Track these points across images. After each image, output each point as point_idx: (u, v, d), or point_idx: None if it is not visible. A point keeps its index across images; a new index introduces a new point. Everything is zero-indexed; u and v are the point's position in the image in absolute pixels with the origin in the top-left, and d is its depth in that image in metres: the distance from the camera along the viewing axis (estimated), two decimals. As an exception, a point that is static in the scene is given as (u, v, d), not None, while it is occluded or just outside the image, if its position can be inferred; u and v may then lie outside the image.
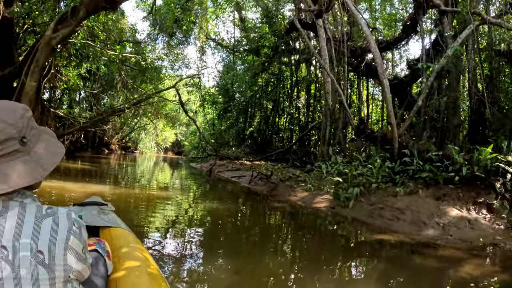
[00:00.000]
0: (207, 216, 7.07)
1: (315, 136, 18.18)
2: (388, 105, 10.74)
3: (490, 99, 10.69)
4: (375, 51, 11.16)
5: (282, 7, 19.01)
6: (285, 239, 5.69)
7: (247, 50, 20.38)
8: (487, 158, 7.02)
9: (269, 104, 20.77)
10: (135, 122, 35.68)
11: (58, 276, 1.03)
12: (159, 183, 12.84)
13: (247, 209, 8.37)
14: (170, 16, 16.29)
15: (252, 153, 18.39)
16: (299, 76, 20.04)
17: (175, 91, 17.17)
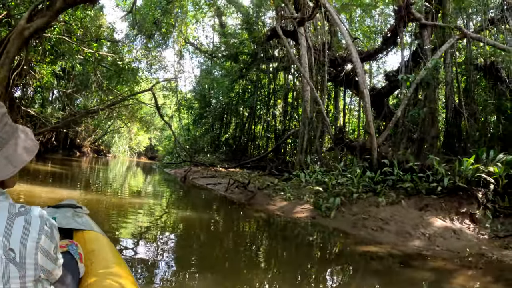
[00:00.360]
0: (182, 224, 6.67)
1: (291, 144, 18.02)
2: (368, 115, 10.68)
3: (468, 112, 10.82)
4: (356, 61, 11.14)
5: (263, 14, 18.91)
6: (264, 250, 5.36)
7: (225, 56, 20.11)
8: (468, 168, 7.01)
9: (245, 111, 20.49)
10: (109, 125, 34.72)
11: (29, 275, 1.04)
12: (132, 188, 12.22)
13: (223, 218, 7.96)
14: (150, 17, 15.79)
15: (227, 160, 18.01)
16: (277, 84, 19.91)
17: (151, 94, 16.61)
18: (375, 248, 5.46)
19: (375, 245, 5.64)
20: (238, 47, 19.08)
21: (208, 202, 10.39)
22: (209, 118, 20.67)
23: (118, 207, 7.67)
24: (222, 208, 9.32)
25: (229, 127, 21.42)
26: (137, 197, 9.80)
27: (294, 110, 19.04)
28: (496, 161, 7.08)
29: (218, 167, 16.12)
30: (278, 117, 19.46)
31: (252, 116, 19.56)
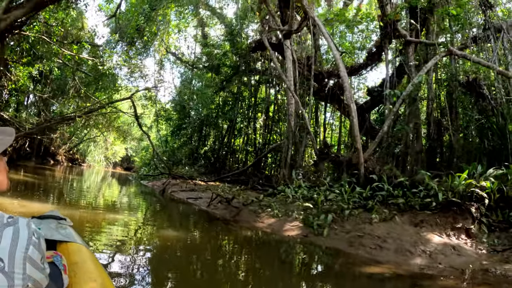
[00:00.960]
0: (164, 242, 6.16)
1: (272, 158, 17.71)
2: (355, 130, 10.56)
3: (454, 127, 10.89)
4: (344, 75, 11.05)
5: (246, 26, 18.77)
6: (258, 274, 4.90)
7: (206, 67, 19.74)
8: (461, 183, 6.97)
9: (225, 123, 20.07)
10: (85, 133, 33.71)
11: (17, 285, 1.05)
12: (108, 201, 11.48)
13: (208, 235, 7.47)
14: (132, 24, 15.25)
15: (206, 173, 17.46)
16: (258, 97, 19.68)
17: (130, 103, 15.94)
18: (378, 269, 5.13)
19: (378, 265, 5.32)
20: (220, 59, 18.79)
21: (190, 217, 9.86)
22: (188, 130, 20.11)
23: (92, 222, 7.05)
24: (205, 224, 8.79)
25: (208, 140, 20.92)
26: (113, 211, 9.16)
27: (275, 124, 18.81)
28: (487, 176, 7.08)
29: (197, 180, 15.55)
30: (259, 131, 19.17)
31: (232, 129, 19.16)
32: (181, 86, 22.03)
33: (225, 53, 18.26)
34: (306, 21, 11.59)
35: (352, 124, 10.68)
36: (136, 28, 15.25)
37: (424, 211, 7.04)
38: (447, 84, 11.50)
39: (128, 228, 6.96)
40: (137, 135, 37.55)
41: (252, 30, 19.32)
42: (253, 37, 18.88)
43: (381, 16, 12.60)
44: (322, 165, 12.60)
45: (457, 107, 11.37)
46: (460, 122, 11.68)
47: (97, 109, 18.73)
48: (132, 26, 14.69)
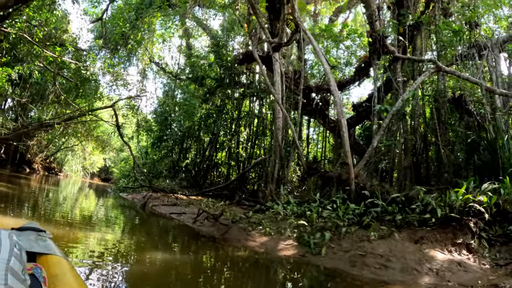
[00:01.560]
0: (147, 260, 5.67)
1: (256, 173, 17.33)
2: (346, 145, 10.38)
3: (444, 143, 10.91)
4: (334, 90, 10.91)
5: (232, 39, 18.56)
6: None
7: (190, 78, 19.31)
8: (459, 199, 6.90)
9: (207, 136, 19.59)
10: (63, 142, 32.46)
11: None
12: (86, 215, 10.73)
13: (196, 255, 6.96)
14: (118, 30, 14.72)
15: (187, 187, 16.87)
16: (242, 110, 19.38)
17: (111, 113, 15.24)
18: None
19: (386, 286, 4.99)
20: (205, 70, 18.46)
21: (175, 234, 9.31)
22: (169, 142, 19.49)
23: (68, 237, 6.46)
24: (192, 242, 8.26)
25: (189, 153, 20.33)
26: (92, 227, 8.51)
27: (259, 138, 18.51)
28: (483, 191, 7.07)
29: (179, 194, 14.96)
30: (242, 144, 18.78)
31: (214, 142, 18.72)
32: (163, 97, 21.49)
33: (210, 64, 17.94)
34: (297, 34, 11.51)
35: (343, 140, 10.49)
36: (121, 35, 14.74)
37: (422, 227, 6.92)
38: (434, 100, 11.57)
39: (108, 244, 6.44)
40: (116, 145, 36.64)
41: (238, 42, 19.14)
42: (239, 49, 18.70)
43: (370, 32, 12.68)
44: (310, 180, 12.35)
45: (446, 123, 11.44)
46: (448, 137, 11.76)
47: (77, 117, 17.98)
48: (117, 32, 14.16)
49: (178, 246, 7.58)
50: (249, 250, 7.37)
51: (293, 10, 11.08)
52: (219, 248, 7.62)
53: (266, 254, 7.07)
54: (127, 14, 15.06)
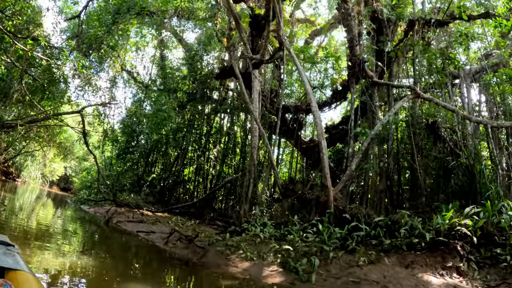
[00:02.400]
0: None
1: (227, 192, 16.73)
2: (325, 167, 10.20)
3: (422, 168, 11.08)
4: (316, 111, 10.78)
5: (207, 53, 18.14)
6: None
7: (161, 90, 18.54)
8: (446, 222, 6.99)
9: (175, 151, 18.77)
10: (24, 145, 30.19)
11: None
12: (41, 229, 9.54)
13: (173, 283, 6.27)
14: (95, 31, 13.79)
15: (153, 202, 15.92)
16: (213, 126, 18.84)
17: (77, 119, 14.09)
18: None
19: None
20: (177, 83, 17.83)
21: (146, 257, 8.49)
22: (135, 154, 18.45)
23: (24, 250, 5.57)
24: (167, 268, 7.52)
25: (155, 167, 19.31)
26: (47, 243, 7.59)
27: (229, 156, 18.00)
28: (466, 214, 7.21)
29: (144, 210, 14.07)
30: (211, 162, 18.13)
31: (182, 158, 17.96)
32: (132, 107, 20.50)
33: (183, 77, 17.36)
34: (280, 52, 11.37)
35: (322, 162, 10.30)
36: (96, 37, 13.85)
37: (411, 251, 6.86)
38: (410, 125, 11.80)
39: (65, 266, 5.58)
40: (79, 154, 35.07)
41: (213, 57, 18.77)
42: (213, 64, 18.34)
43: (350, 56, 12.86)
44: (285, 202, 12.00)
45: (422, 148, 11.67)
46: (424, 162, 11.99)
47: (41, 120, 16.56)
48: (93, 33, 13.26)
49: (150, 273, 6.80)
50: (231, 277, 6.79)
51: (278, 27, 10.94)
52: (198, 274, 6.99)
53: (251, 281, 6.54)
54: (104, 17, 14.31)
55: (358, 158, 11.19)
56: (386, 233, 7.71)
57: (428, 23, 11.80)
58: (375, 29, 12.98)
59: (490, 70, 11.71)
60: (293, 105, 14.90)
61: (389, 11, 12.71)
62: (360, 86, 13.04)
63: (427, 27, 11.97)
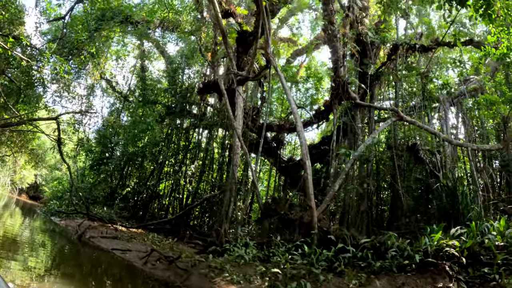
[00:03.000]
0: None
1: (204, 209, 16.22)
2: (309, 187, 10.11)
3: (405, 189, 11.20)
4: (301, 130, 10.72)
5: (189, 67, 17.81)
6: None
7: (140, 101, 17.93)
8: (434, 244, 7.06)
9: (151, 165, 18.05)
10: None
11: None
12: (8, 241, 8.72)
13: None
14: (77, 36, 13.14)
15: (128, 217, 15.14)
16: (192, 141, 18.35)
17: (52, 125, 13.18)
18: None
19: None
20: (157, 95, 17.34)
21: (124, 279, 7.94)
22: (109, 166, 17.60)
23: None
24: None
25: (130, 180, 18.46)
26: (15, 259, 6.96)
27: (207, 172, 17.54)
28: (452, 235, 7.34)
29: (118, 225, 13.35)
30: (188, 177, 17.54)
31: (158, 172, 17.31)
32: (109, 117, 19.66)
33: (164, 90, 16.90)
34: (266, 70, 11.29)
35: (306, 182, 10.21)
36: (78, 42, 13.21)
37: (401, 273, 6.84)
38: (393, 147, 11.97)
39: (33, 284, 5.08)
40: (51, 162, 33.33)
41: (195, 71, 18.44)
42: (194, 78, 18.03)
43: (334, 77, 13.00)
44: (267, 222, 11.73)
45: (403, 169, 11.83)
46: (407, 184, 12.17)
47: (15, 124, 15.37)
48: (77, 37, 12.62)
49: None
50: (221, 301, 6.42)
51: (266, 45, 10.89)
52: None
53: (241, 305, 6.19)
54: (88, 22, 13.74)
55: (341, 179, 11.17)
56: (374, 255, 7.62)
57: (412, 48, 12.18)
58: (359, 52, 13.25)
59: (468, 94, 12.21)
60: (276, 124, 14.80)
61: (373, 34, 13.05)
62: (342, 107, 13.17)
63: (412, 52, 12.36)
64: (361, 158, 11.58)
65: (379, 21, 14.00)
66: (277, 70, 11.35)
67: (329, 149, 14.30)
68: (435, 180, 11.30)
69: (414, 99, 12.88)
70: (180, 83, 17.18)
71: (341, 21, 13.37)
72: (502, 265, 6.16)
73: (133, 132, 16.62)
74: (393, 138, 12.31)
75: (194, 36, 15.62)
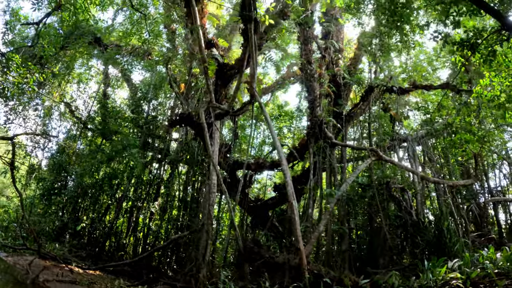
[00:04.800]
0: None
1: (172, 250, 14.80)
2: (297, 229, 9.74)
3: (387, 226, 11.23)
4: (286, 169, 10.38)
5: (156, 98, 16.69)
6: None
7: (100, 130, 16.27)
8: (440, 278, 7.02)
9: (108, 199, 16.18)
10: None
11: None
12: None
13: None
14: (39, 51, 11.53)
15: (84, 257, 13.23)
16: (155, 177, 16.92)
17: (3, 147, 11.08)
18: None
19: None
20: (119, 125, 15.91)
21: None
22: (62, 198, 15.49)
23: None
24: None
25: (86, 214, 16.28)
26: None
27: (175, 211, 16.16)
28: (450, 268, 7.37)
29: (74, 266, 11.70)
30: (148, 214, 15.93)
31: (118, 208, 15.60)
32: (66, 143, 17.55)
33: (129, 120, 15.54)
34: (249, 105, 10.94)
35: (293, 222, 9.78)
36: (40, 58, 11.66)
37: None
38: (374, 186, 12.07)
39: None
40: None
41: (163, 102, 17.37)
42: (159, 109, 16.96)
43: (310, 117, 13.02)
44: (247, 266, 10.93)
45: (385, 208, 11.90)
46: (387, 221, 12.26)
47: None
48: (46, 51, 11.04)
49: None
50: None
51: (252, 79, 10.62)
52: None
53: None
54: (56, 38, 12.32)
55: (326, 219, 10.92)
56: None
57: (389, 90, 12.71)
58: (335, 92, 13.53)
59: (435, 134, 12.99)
60: (254, 162, 14.28)
61: (348, 76, 13.47)
62: (318, 146, 13.13)
63: (389, 94, 12.88)
64: (342, 197, 11.49)
65: (350, 63, 14.63)
66: (261, 106, 11.07)
67: (301, 188, 14.11)
68: (409, 217, 11.58)
69: (387, 139, 13.35)
70: (146, 113, 16.04)
71: (317, 62, 13.64)
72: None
73: (91, 162, 14.94)
74: (370, 176, 12.47)
75: (163, 67, 14.85)
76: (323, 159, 12.87)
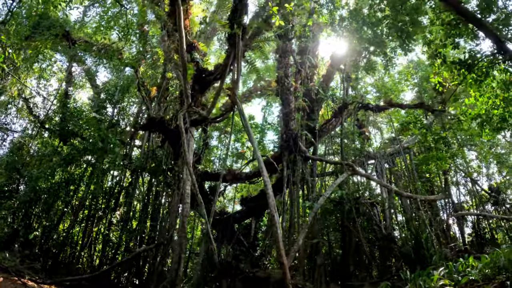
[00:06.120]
0: None
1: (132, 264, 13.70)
2: (280, 242, 9.56)
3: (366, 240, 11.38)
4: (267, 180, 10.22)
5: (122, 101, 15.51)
6: None
7: (57, 131, 14.74)
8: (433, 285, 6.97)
9: (63, 206, 14.58)
10: None
11: None
12: None
13: None
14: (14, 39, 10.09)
15: (38, 269, 11.86)
16: (117, 185, 15.61)
17: None
18: None
19: None
20: (79, 127, 14.53)
21: None
22: (14, 202, 14.12)
23: None
24: None
25: (39, 222, 14.44)
26: None
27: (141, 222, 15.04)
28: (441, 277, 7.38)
29: (27, 279, 10.52)
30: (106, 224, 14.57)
31: (75, 217, 14.11)
32: (19, 142, 15.57)
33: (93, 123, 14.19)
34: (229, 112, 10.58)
35: (276, 236, 9.55)
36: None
37: None
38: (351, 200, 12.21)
39: None
40: None
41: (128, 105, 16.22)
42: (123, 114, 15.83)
43: (284, 130, 12.97)
44: (225, 282, 10.41)
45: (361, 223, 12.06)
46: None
47: None
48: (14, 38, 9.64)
49: None
50: None
51: (235, 86, 10.35)
52: None
53: None
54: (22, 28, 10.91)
55: (304, 232, 10.85)
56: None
57: (365, 107, 13.06)
58: (309, 106, 13.64)
59: (403, 152, 13.60)
60: (229, 173, 13.79)
61: (322, 91, 13.67)
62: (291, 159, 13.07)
63: (365, 111, 13.24)
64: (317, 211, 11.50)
65: (323, 80, 14.89)
66: (243, 114, 10.81)
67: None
68: (379, 230, 11.90)
69: (358, 155, 13.70)
70: (109, 117, 14.88)
71: (293, 76, 13.69)
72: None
73: (48, 164, 13.42)
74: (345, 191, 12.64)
75: (132, 69, 13.93)
76: (296, 172, 12.85)
